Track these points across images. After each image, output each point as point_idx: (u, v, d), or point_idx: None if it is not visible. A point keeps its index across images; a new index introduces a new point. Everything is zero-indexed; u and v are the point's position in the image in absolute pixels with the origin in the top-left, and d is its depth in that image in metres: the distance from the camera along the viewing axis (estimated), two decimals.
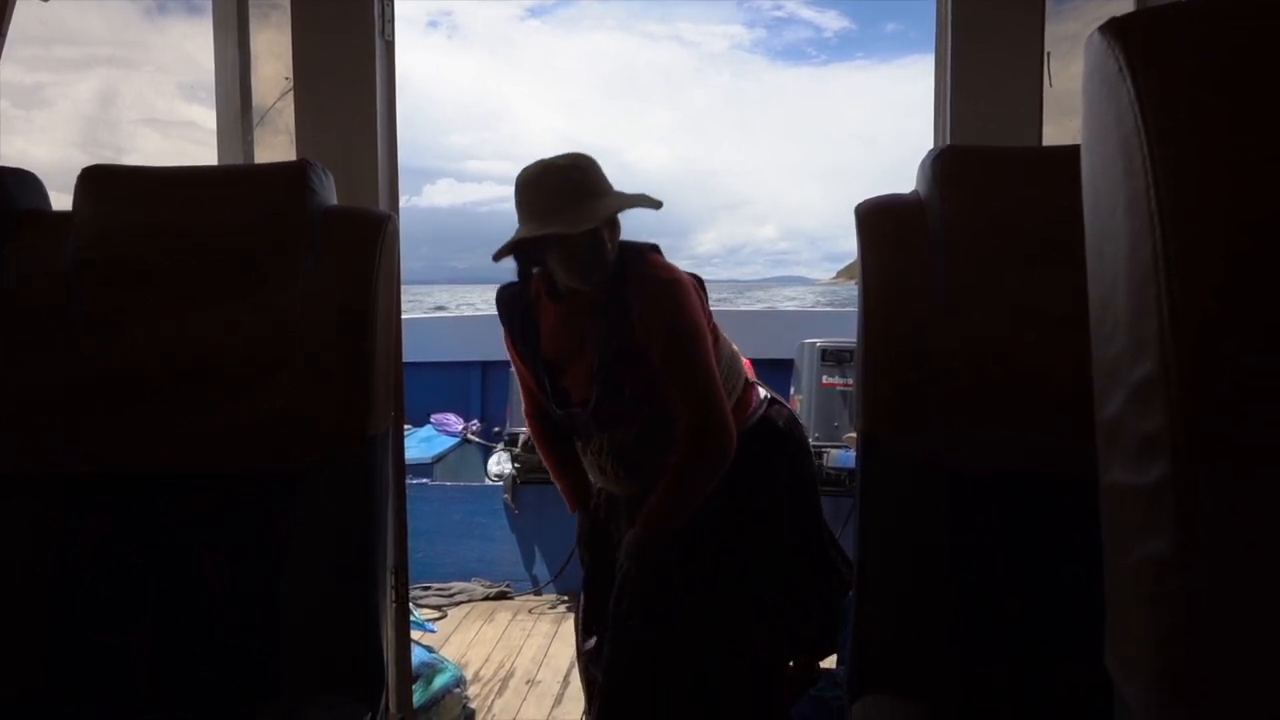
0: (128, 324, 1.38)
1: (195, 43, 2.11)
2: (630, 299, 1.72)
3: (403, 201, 2.00)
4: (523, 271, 1.82)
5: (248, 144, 2.06)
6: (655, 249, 1.81)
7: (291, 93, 1.94)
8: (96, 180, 1.41)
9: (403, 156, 1.98)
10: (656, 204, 1.72)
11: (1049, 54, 1.81)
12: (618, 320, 1.73)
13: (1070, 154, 0.72)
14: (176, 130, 2.39)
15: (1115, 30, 0.62)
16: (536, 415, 2.00)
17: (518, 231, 1.72)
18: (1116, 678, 0.68)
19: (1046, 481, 1.24)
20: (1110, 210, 0.65)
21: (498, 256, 1.76)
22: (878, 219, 1.36)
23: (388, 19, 1.93)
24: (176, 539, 1.34)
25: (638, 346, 1.72)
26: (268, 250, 1.39)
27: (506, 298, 1.89)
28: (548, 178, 1.70)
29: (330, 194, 1.46)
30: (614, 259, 1.72)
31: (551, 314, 1.82)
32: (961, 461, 1.24)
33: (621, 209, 1.71)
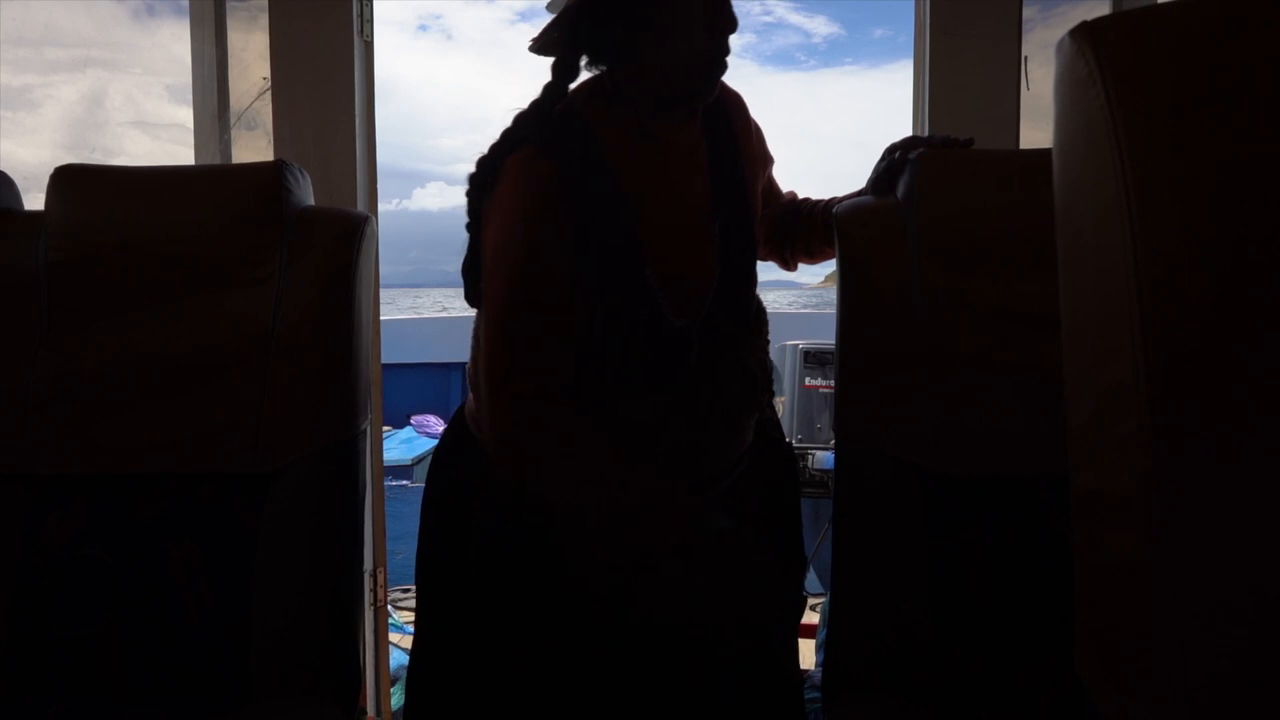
0: (99, 324, 1.36)
1: (184, 45, 2.11)
2: (732, 120, 1.25)
3: (393, 205, 2.01)
4: (557, 92, 1.16)
5: (225, 144, 2.05)
6: None
7: (269, 93, 1.94)
8: (69, 180, 1.39)
9: (393, 160, 1.99)
10: None
11: (1026, 58, 1.82)
12: (729, 155, 1.23)
13: (1048, 157, 0.72)
14: (165, 132, 2.37)
15: (1086, 34, 0.62)
16: (557, 399, 1.11)
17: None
18: (1085, 679, 0.68)
19: (1024, 483, 1.24)
20: (1082, 215, 0.65)
21: (541, 42, 1.15)
22: (856, 222, 1.36)
23: (366, 19, 1.92)
24: (147, 539, 1.33)
25: (750, 187, 1.26)
26: (242, 251, 1.37)
27: (566, 139, 1.14)
28: None
29: (307, 194, 1.45)
30: None
31: (650, 166, 1.17)
32: (939, 463, 1.25)
33: None
